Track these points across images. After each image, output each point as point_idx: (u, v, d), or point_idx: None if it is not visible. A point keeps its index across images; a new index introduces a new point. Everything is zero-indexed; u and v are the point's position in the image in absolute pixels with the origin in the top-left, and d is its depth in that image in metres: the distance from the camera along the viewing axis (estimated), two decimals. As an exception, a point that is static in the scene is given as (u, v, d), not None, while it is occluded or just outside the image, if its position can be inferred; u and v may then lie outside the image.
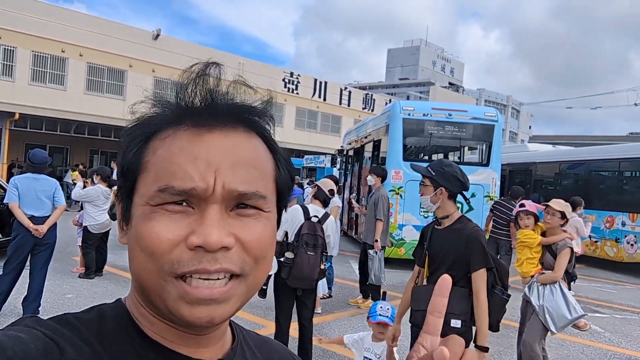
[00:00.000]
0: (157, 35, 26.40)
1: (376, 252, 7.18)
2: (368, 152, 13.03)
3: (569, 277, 4.98)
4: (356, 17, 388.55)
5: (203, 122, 0.65)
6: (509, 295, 3.26)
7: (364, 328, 6.31)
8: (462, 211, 10.39)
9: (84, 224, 8.20)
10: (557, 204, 4.75)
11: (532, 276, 4.76)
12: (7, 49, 21.69)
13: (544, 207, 4.94)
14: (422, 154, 11.22)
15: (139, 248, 0.62)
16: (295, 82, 33.14)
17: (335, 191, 8.07)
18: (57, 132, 21.88)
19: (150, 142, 0.66)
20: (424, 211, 10.32)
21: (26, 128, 21.29)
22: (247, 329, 0.83)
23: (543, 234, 4.86)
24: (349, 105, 36.41)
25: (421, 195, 3.26)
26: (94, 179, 8.56)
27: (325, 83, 35.27)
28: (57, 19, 22.69)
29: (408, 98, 68.59)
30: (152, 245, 0.60)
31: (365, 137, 13.31)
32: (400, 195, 10.31)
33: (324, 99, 34.87)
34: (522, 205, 4.99)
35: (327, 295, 7.63)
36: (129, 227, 0.66)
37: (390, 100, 36.51)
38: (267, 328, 6.08)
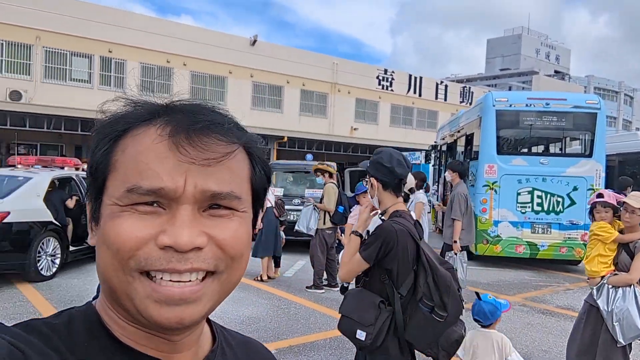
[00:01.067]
0: (254, 41, 27.34)
1: (455, 254, 6.88)
2: (461, 146, 12.60)
3: None
4: (453, 9, 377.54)
5: (176, 121, 0.63)
6: (442, 317, 2.48)
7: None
8: (564, 205, 9.64)
9: None
10: (637, 200, 4.13)
11: (603, 277, 4.18)
12: (118, 62, 23.57)
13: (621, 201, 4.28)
14: (518, 147, 10.64)
15: (105, 246, 0.60)
16: (389, 79, 32.83)
17: (422, 188, 7.91)
18: (164, 139, 23.27)
19: (120, 140, 0.64)
20: (521, 206, 9.80)
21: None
22: (230, 329, 0.81)
23: (620, 232, 4.26)
24: (445, 99, 35.43)
25: None
26: None
27: (421, 78, 34.59)
28: (162, 31, 24.27)
29: (510, 89, 65.39)
30: (119, 241, 0.59)
31: (458, 132, 12.87)
32: (495, 191, 9.84)
33: (420, 95, 34.20)
34: (599, 196, 4.36)
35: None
36: (98, 227, 0.64)
37: (490, 92, 35.05)
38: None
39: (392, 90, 32.91)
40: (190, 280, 0.60)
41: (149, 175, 0.59)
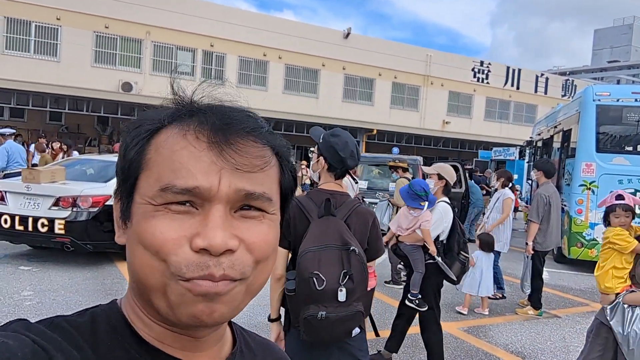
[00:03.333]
0: (348, 34, 27.50)
1: (527, 257, 6.57)
2: (557, 143, 11.95)
3: None
4: (559, 0, 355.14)
5: (211, 121, 0.63)
6: (291, 291, 2.45)
7: (537, 334, 5.92)
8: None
9: None
10: None
11: (618, 294, 3.61)
12: (218, 56, 24.69)
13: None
14: (621, 145, 9.93)
15: (142, 246, 0.61)
16: (485, 72, 31.69)
17: (508, 186, 7.64)
18: (258, 129, 24.09)
19: (153, 139, 0.65)
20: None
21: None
22: (250, 331, 0.83)
23: (637, 239, 3.71)
24: (545, 93, 33.60)
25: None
26: None
27: (519, 70, 33.06)
28: (260, 26, 25.10)
29: (618, 82, 60.63)
30: (157, 243, 0.59)
31: (555, 127, 12.21)
32: (592, 191, 9.28)
33: (517, 88, 32.71)
34: (619, 197, 3.77)
35: (500, 295, 7.25)
36: (129, 226, 0.65)
37: (591, 85, 32.81)
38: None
39: (487, 82, 31.76)
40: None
41: (184, 174, 0.60)
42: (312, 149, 2.97)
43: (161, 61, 23.50)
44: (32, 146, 15.18)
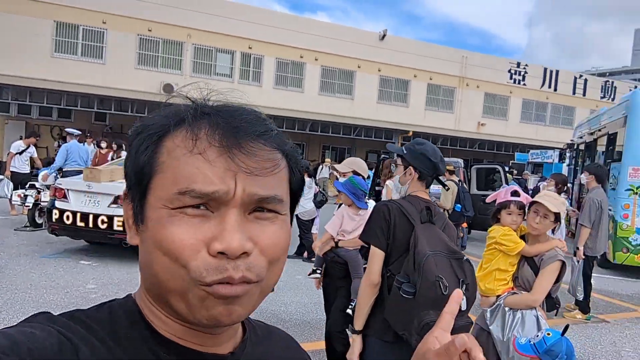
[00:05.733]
0: (384, 36, 27.54)
1: (578, 262, 6.56)
2: (601, 146, 11.82)
3: (550, 303, 3.32)
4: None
5: (223, 125, 0.64)
6: (409, 293, 2.34)
7: (587, 338, 5.95)
8: None
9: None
10: (552, 201, 3.23)
11: (499, 296, 3.37)
12: (256, 58, 25.08)
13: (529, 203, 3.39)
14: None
15: (161, 252, 0.61)
16: (522, 73, 31.28)
17: (563, 191, 7.62)
18: (294, 130, 24.35)
19: (163, 141, 0.65)
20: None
21: (269, 127, 24.28)
22: (255, 319, 0.85)
23: (522, 239, 3.44)
24: (584, 94, 32.95)
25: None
26: None
27: (557, 72, 32.50)
28: (297, 28, 25.39)
29: (662, 83, 58.82)
30: (176, 249, 0.60)
31: (599, 130, 12.07)
32: (639, 196, 9.19)
33: (555, 89, 32.17)
34: (515, 194, 3.44)
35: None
36: (143, 228, 0.65)
37: (635, 87, 32.02)
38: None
39: (524, 84, 31.34)
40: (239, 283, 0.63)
41: (201, 178, 0.61)
42: (394, 160, 2.98)
43: (201, 63, 24.02)
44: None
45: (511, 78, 31.01)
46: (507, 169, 13.00)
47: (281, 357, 0.82)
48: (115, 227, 7.33)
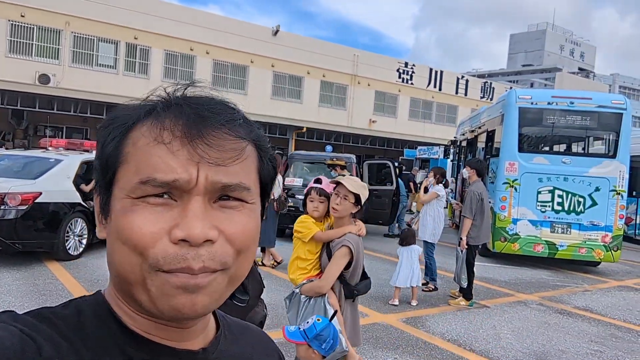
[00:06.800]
0: (277, 31, 27.46)
1: (462, 251, 6.94)
2: (481, 143, 12.61)
3: (348, 290, 3.31)
4: (478, 5, 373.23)
5: (187, 115, 0.63)
6: (243, 301, 2.33)
7: (470, 323, 6.25)
8: (585, 206, 9.47)
9: None
10: (352, 183, 3.21)
11: (298, 285, 3.39)
12: (143, 49, 23.85)
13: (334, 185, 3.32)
14: (540, 145, 10.64)
15: (120, 242, 0.61)
16: (409, 73, 32.75)
17: (441, 182, 7.99)
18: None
19: (130, 133, 0.64)
20: (541, 205, 9.83)
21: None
22: (231, 317, 0.84)
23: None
24: (465, 94, 35.27)
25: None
26: None
27: (441, 72, 34.46)
28: (187, 19, 24.49)
29: (532, 86, 64.71)
30: (135, 238, 0.59)
31: (479, 128, 12.87)
32: (515, 189, 9.87)
33: (440, 89, 34.10)
34: (317, 181, 3.45)
35: (433, 287, 7.57)
36: (108, 221, 0.64)
37: (511, 88, 34.83)
38: (370, 317, 6.21)
39: (412, 83, 32.85)
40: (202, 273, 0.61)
41: (162, 167, 0.60)
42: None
43: (81, 53, 22.34)
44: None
45: (400, 77, 32.35)
46: (396, 164, 13.43)
47: (254, 355, 0.81)
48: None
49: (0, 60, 20.29)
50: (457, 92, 35.05)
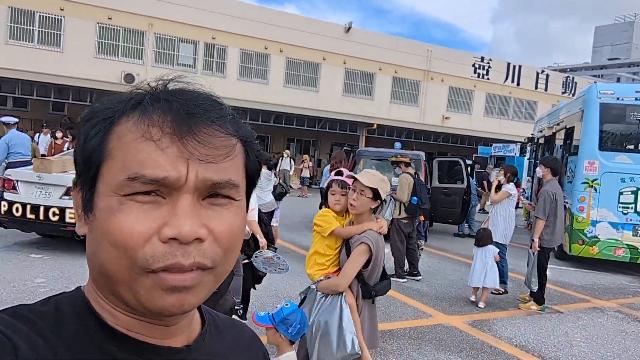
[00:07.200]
0: (349, 28, 27.51)
1: (533, 253, 6.68)
2: (560, 140, 12.07)
3: (366, 289, 3.18)
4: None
5: (175, 110, 0.61)
6: None
7: (540, 329, 6.05)
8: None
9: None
10: (368, 177, 3.08)
11: (315, 281, 3.28)
12: (220, 48, 24.69)
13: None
14: (624, 143, 10.05)
15: (108, 242, 0.59)
16: (486, 67, 31.77)
17: (512, 181, 7.74)
18: (258, 122, 24.03)
19: (114, 127, 0.62)
20: (623, 207, 9.31)
21: (233, 119, 23.93)
22: (219, 313, 0.84)
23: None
24: (545, 89, 33.72)
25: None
26: None
27: (520, 67, 33.15)
28: (262, 19, 25.09)
29: (618, 80, 60.87)
30: (124, 239, 0.58)
31: (558, 124, 12.32)
32: (595, 189, 9.40)
33: (518, 84, 32.82)
34: (338, 173, 3.36)
35: (503, 290, 7.37)
36: (92, 217, 0.62)
37: (594, 83, 32.99)
38: (435, 317, 6.17)
39: (488, 78, 31.85)
40: (191, 270, 0.60)
41: (151, 164, 0.59)
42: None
43: (163, 53, 23.50)
44: (39, 136, 15.13)
45: (475, 72, 31.45)
46: (469, 162, 13.14)
47: (240, 351, 0.80)
48: (67, 220, 7.08)
49: (89, 61, 21.70)
50: (536, 88, 33.60)
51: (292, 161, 20.68)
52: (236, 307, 3.80)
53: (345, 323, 2.96)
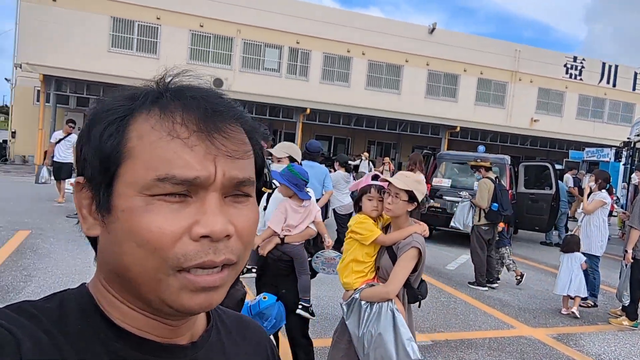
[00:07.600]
0: (433, 29, 27.18)
1: (626, 265, 6.30)
2: (660, 146, 11.32)
3: (412, 294, 3.06)
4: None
5: (198, 107, 0.61)
6: None
7: (632, 346, 5.76)
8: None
9: (331, 207, 8.77)
10: (402, 179, 2.96)
11: (357, 289, 3.07)
12: (304, 52, 25.24)
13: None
14: None
15: (135, 243, 0.58)
16: (578, 68, 30.19)
17: (605, 188, 7.35)
18: (340, 125, 24.33)
19: (131, 125, 0.61)
20: None
21: (315, 121, 24.05)
22: (225, 308, 0.83)
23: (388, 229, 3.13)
24: (645, 91, 31.51)
25: None
26: (334, 166, 9.30)
27: (616, 67, 31.18)
28: (343, 22, 25.39)
29: None
30: (155, 240, 0.57)
31: (658, 129, 11.56)
32: (699, 199, 8.74)
33: (614, 85, 30.89)
34: (375, 177, 3.20)
35: (592, 303, 7.05)
36: (111, 219, 0.61)
37: (703, 83, 30.34)
38: (517, 329, 6.03)
39: (581, 79, 30.25)
40: (219, 268, 0.61)
41: (181, 164, 0.58)
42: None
43: (250, 58, 24.41)
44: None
45: (567, 73, 30.01)
46: (559, 167, 12.58)
47: (246, 346, 0.80)
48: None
49: (182, 67, 22.89)
50: (634, 89, 31.43)
51: (370, 164, 20.73)
52: (306, 305, 3.77)
53: (402, 331, 2.85)
